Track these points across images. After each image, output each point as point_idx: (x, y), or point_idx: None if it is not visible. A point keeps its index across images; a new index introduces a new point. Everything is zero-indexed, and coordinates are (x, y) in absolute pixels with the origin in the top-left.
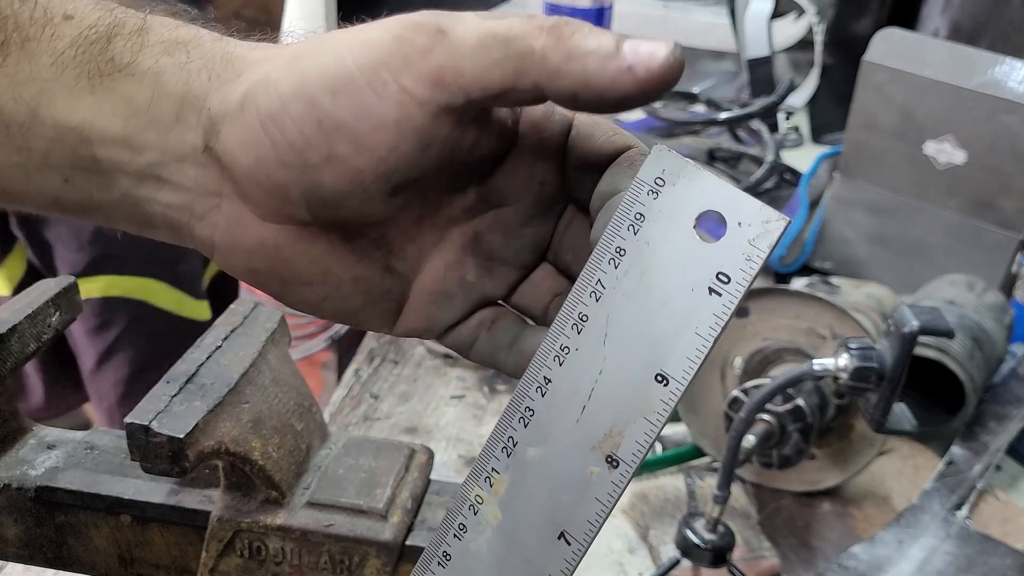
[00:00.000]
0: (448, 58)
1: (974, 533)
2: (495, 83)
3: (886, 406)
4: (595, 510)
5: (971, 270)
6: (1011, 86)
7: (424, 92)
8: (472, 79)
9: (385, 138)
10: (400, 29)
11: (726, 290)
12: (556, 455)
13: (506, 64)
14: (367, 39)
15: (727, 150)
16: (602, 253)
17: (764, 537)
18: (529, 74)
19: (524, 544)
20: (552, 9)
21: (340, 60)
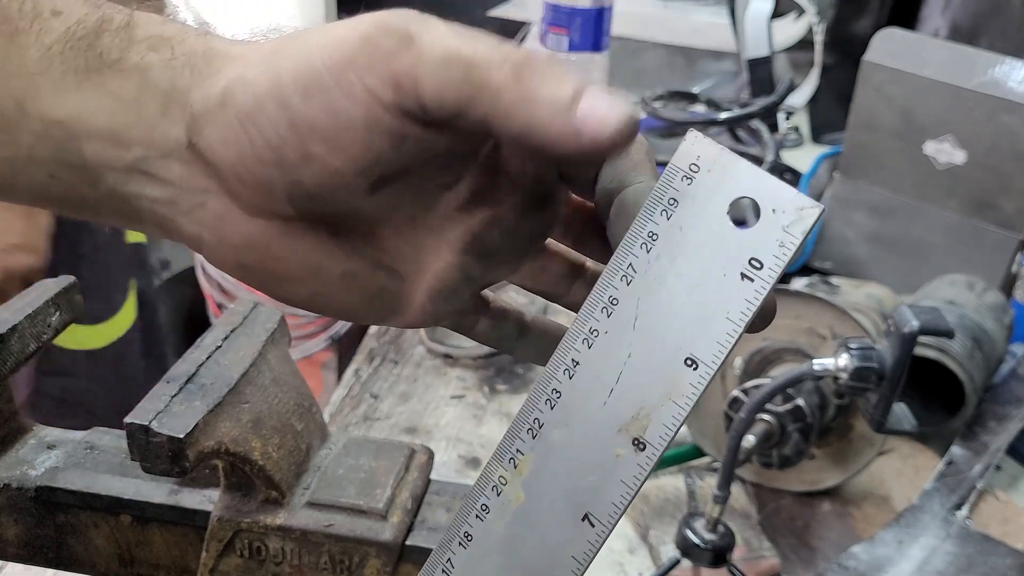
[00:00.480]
0: (409, 66)
1: (974, 533)
2: (448, 104)
3: (886, 406)
4: (620, 492)
5: (971, 270)
6: (1011, 86)
7: (387, 95)
8: (427, 93)
9: (357, 137)
10: (369, 29)
11: (758, 275)
12: (582, 437)
13: (462, 89)
14: (337, 38)
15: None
16: (634, 238)
17: (764, 537)
18: (480, 106)
19: (547, 526)
20: (552, 9)
21: (310, 60)
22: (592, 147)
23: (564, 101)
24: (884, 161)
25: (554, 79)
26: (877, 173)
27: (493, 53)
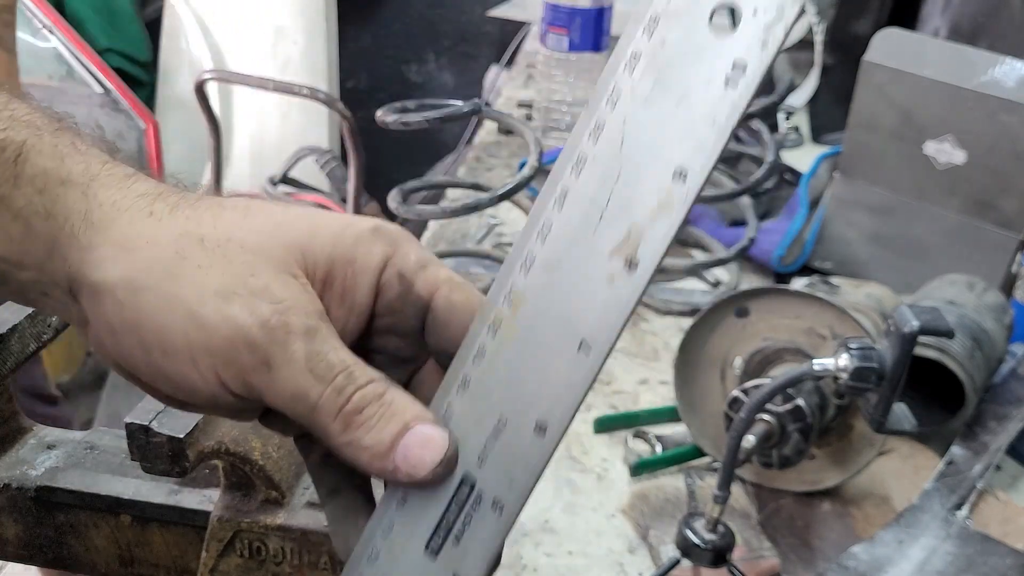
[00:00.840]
0: (263, 386)
1: (974, 533)
2: (296, 417)
3: (886, 406)
4: (614, 315)
5: (971, 270)
6: (1011, 86)
7: (237, 390)
8: (276, 406)
9: (200, 397)
10: (234, 336)
11: (742, 81)
12: (575, 265)
13: (305, 418)
14: (207, 320)
15: (727, 150)
16: (616, 61)
17: (764, 537)
18: (318, 432)
19: (546, 358)
20: (552, 9)
21: (175, 327)
22: (408, 481)
23: (382, 449)
24: (884, 161)
25: (377, 427)
26: (877, 173)
27: (332, 400)
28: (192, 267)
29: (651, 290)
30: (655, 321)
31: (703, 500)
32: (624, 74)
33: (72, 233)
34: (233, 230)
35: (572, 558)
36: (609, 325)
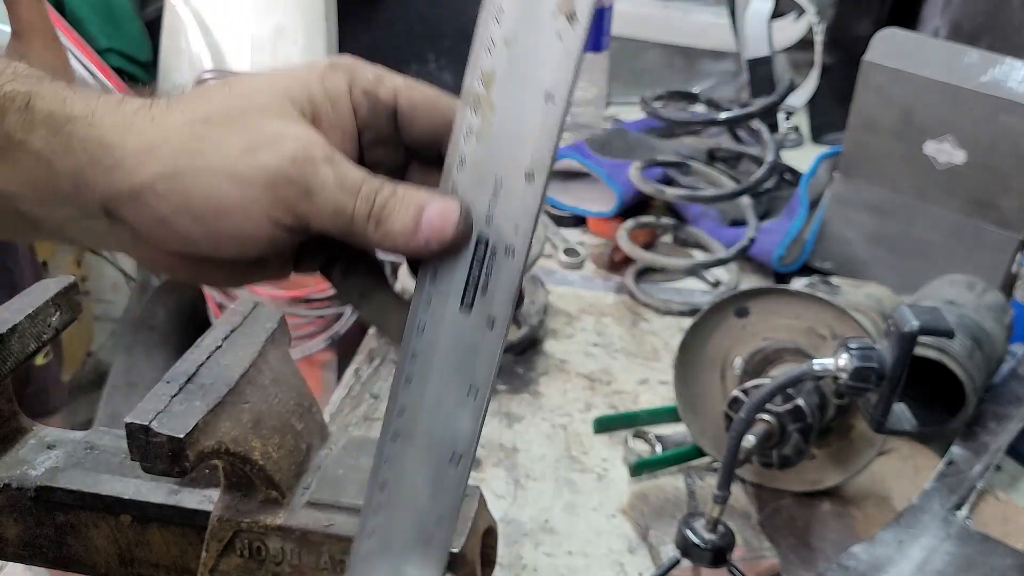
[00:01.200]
0: (307, 214)
1: (974, 533)
2: (337, 231)
3: (886, 406)
4: (568, 66)
5: (971, 270)
6: (1011, 86)
7: (287, 223)
8: (320, 227)
9: (259, 242)
10: (273, 178)
11: None
12: (528, 33)
13: (345, 228)
14: (245, 174)
15: (727, 150)
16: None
17: (764, 537)
18: (358, 237)
19: (521, 117)
20: None
21: (220, 192)
22: (439, 248)
23: (410, 229)
24: (884, 161)
25: (401, 215)
26: (877, 173)
27: (363, 208)
28: (211, 142)
29: (651, 290)
30: (655, 321)
31: (703, 500)
32: None
33: (93, 159)
34: (228, 100)
35: (572, 558)
36: (565, 75)
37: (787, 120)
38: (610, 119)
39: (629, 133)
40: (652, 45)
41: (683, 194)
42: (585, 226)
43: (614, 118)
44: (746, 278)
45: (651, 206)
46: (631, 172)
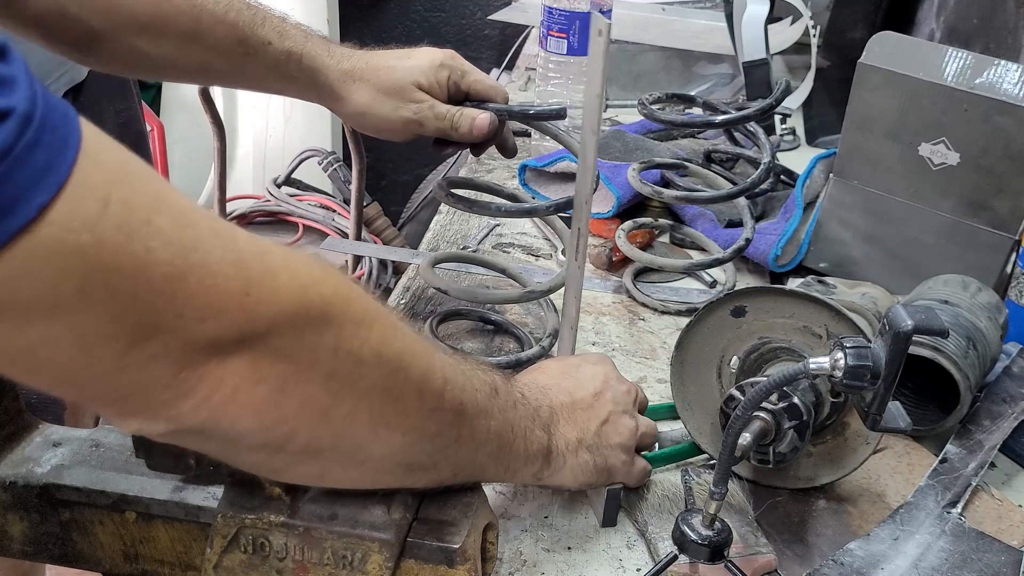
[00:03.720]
0: (424, 129)
1: (969, 530)
2: (439, 129)
3: (881, 404)
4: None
5: (966, 270)
6: (1005, 88)
7: (416, 132)
8: (432, 132)
9: (403, 138)
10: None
11: None
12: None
13: (442, 132)
14: (395, 120)
15: (724, 152)
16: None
17: (761, 534)
18: (448, 135)
19: None
20: (552, 13)
21: (385, 126)
22: (483, 137)
23: (468, 127)
24: (879, 163)
25: (464, 123)
26: (872, 174)
27: (449, 120)
28: (380, 103)
29: (649, 289)
30: (652, 320)
31: (700, 497)
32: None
33: (332, 96)
34: (389, 78)
35: (571, 554)
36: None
37: (783, 122)
38: (608, 121)
39: (627, 135)
40: (650, 48)
41: (680, 195)
42: None
43: (612, 120)
44: (742, 278)
45: (649, 207)
46: (629, 174)
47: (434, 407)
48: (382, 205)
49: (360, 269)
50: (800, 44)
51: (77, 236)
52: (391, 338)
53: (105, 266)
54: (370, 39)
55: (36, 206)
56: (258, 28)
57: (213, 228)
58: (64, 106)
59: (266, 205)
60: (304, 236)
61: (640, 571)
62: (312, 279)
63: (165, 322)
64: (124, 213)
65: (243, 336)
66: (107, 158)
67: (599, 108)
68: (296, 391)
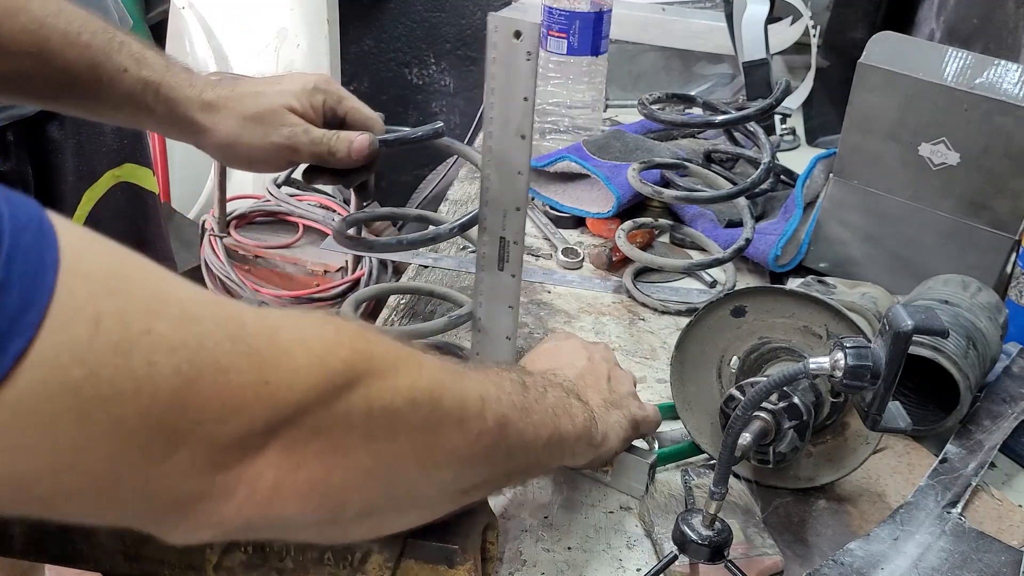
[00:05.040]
0: (298, 157)
1: (969, 530)
2: (316, 161)
3: (881, 404)
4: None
5: (965, 270)
6: (1005, 88)
7: (289, 160)
8: (307, 160)
9: (275, 169)
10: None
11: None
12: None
13: (318, 158)
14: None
15: (724, 152)
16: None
17: (768, 535)
18: (325, 160)
19: None
20: (552, 13)
21: (254, 155)
22: (364, 160)
23: (346, 151)
24: (879, 163)
25: (342, 147)
26: (872, 175)
27: (323, 147)
28: (248, 131)
29: (649, 289)
30: (652, 320)
31: (700, 497)
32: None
33: (194, 131)
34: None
35: (571, 553)
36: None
37: (783, 122)
38: (608, 121)
39: (627, 135)
40: (650, 48)
41: (680, 195)
42: (584, 227)
43: (612, 120)
44: (742, 278)
45: (649, 207)
46: (629, 174)
47: (479, 430)
48: (382, 205)
49: (360, 269)
50: (800, 44)
51: (67, 372)
52: (419, 377)
53: (103, 396)
54: (370, 39)
55: (12, 356)
56: (114, 54)
57: (217, 317)
58: (33, 212)
59: (266, 205)
60: (304, 236)
61: (640, 571)
62: (328, 346)
63: (183, 433)
64: (119, 328)
65: (271, 426)
66: (93, 265)
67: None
68: (338, 464)
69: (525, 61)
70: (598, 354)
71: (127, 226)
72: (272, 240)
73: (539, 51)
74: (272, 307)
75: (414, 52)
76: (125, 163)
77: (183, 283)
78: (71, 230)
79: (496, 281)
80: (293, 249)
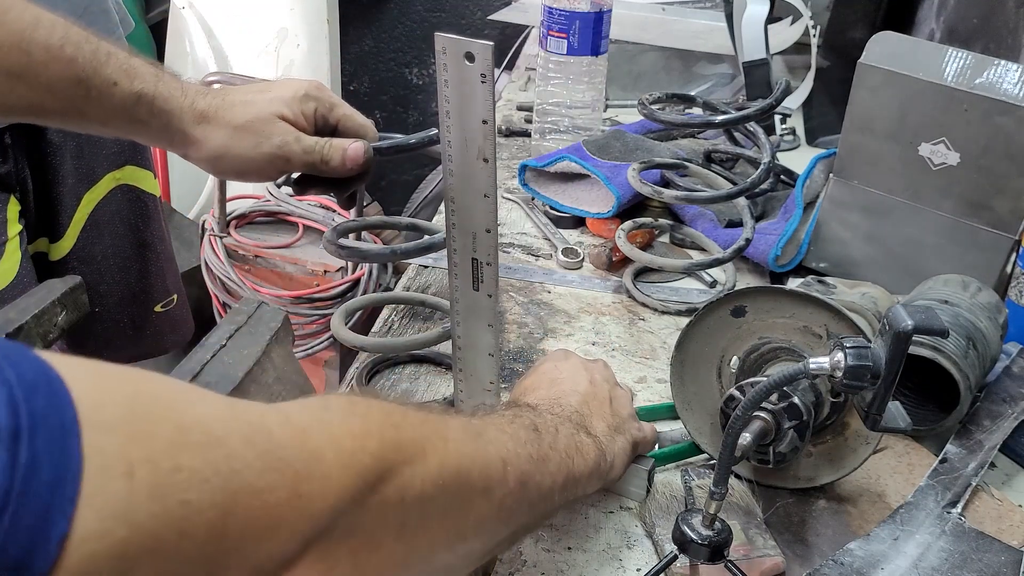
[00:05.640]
0: (290, 166)
1: (969, 530)
2: (309, 171)
3: (881, 404)
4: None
5: (965, 270)
6: (1005, 88)
7: (281, 169)
8: (298, 169)
9: (267, 179)
10: (271, 156)
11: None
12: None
13: (310, 167)
14: (256, 157)
15: (724, 152)
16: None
17: (770, 536)
18: (318, 169)
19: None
20: (551, 13)
21: (245, 165)
22: (359, 169)
23: (340, 160)
24: (879, 163)
25: (335, 155)
26: (872, 174)
27: (316, 155)
28: (238, 141)
29: (649, 289)
30: (652, 320)
31: (700, 497)
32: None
33: (181, 140)
34: (245, 114)
35: (571, 553)
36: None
37: (783, 122)
38: (608, 121)
39: (627, 135)
40: (650, 48)
41: (680, 195)
42: (584, 227)
43: (612, 120)
44: (742, 278)
45: (649, 207)
46: (629, 174)
47: (502, 495)
48: (382, 205)
49: (360, 269)
50: (800, 44)
51: (113, 536)
52: (445, 455)
53: (147, 548)
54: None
55: (56, 541)
56: (101, 67)
57: (243, 434)
58: (37, 366)
59: (266, 205)
60: (304, 236)
61: (640, 571)
62: (356, 440)
63: (222, 562)
64: (151, 473)
65: (307, 539)
66: (111, 412)
67: (485, 135)
68: (372, 559)
69: (480, 83)
70: (598, 374)
71: (127, 229)
72: (272, 240)
73: (494, 73)
74: (293, 402)
75: (414, 52)
76: (125, 165)
77: (200, 397)
78: (77, 372)
79: (472, 301)
80: (293, 249)
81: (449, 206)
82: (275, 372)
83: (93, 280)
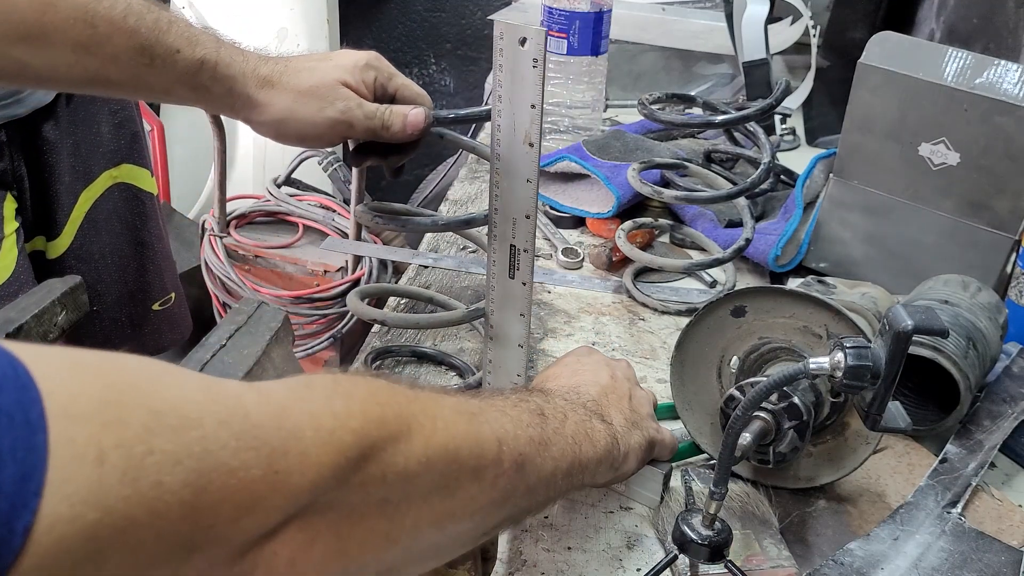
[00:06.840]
0: (352, 132)
1: (969, 530)
2: (369, 129)
3: (881, 404)
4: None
5: (965, 270)
6: (1005, 88)
7: (343, 134)
8: (360, 135)
9: (328, 144)
10: (334, 121)
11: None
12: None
13: (372, 133)
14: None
15: (724, 152)
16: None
17: (785, 546)
18: (379, 135)
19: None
20: (552, 13)
21: (308, 130)
22: (419, 134)
23: (401, 126)
24: (879, 163)
25: (396, 120)
26: (872, 174)
27: (377, 121)
28: (302, 106)
29: (649, 289)
30: (652, 320)
31: (700, 497)
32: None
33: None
34: (310, 80)
35: (571, 553)
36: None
37: (783, 122)
38: (608, 121)
39: (627, 135)
40: (650, 48)
41: (680, 195)
42: (584, 227)
43: (612, 120)
44: (742, 278)
45: (649, 207)
46: (629, 174)
47: (495, 475)
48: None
49: (360, 269)
50: (800, 44)
51: (83, 521)
52: (432, 433)
53: (119, 529)
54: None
55: (21, 533)
56: (163, 35)
57: (218, 416)
58: (9, 365)
59: (266, 205)
60: (304, 236)
61: (640, 571)
62: (338, 419)
63: (197, 540)
64: (123, 458)
65: (286, 515)
66: (83, 404)
67: (532, 119)
68: (354, 533)
69: (531, 68)
70: (620, 371)
71: (124, 227)
72: (272, 240)
73: (545, 58)
74: (275, 381)
75: (414, 52)
76: (122, 164)
77: (176, 378)
78: (50, 365)
79: (507, 289)
80: (293, 249)
81: (493, 191)
82: (275, 372)
83: (91, 278)
